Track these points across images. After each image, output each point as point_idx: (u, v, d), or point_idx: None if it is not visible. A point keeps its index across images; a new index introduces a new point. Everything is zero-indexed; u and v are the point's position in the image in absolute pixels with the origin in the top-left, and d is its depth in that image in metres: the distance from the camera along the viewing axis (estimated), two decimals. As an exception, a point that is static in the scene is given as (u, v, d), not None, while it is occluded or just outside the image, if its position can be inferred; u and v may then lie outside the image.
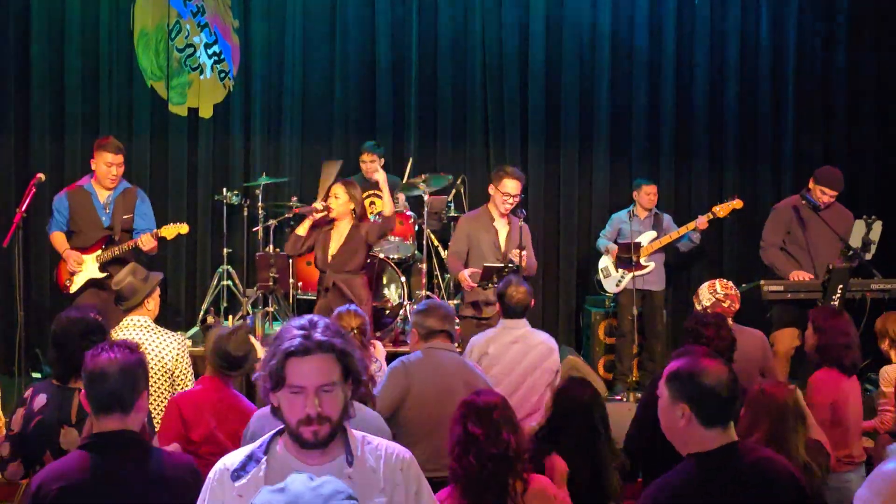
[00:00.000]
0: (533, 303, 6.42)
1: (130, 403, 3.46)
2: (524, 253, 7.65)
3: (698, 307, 6.52)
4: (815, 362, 5.95)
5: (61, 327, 4.63)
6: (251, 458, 2.82)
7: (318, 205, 7.62)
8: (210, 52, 9.95)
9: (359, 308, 5.70)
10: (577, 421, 4.70)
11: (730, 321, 6.23)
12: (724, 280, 6.73)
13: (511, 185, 7.84)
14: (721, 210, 8.98)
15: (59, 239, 7.79)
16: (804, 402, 4.68)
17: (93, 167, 7.80)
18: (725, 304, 6.47)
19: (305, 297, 8.96)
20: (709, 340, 5.38)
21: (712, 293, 6.53)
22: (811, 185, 8.27)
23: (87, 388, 3.50)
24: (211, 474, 2.86)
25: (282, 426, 2.84)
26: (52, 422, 4.46)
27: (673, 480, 3.29)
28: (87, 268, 7.67)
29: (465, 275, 7.69)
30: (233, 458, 2.86)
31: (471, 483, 3.91)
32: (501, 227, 7.97)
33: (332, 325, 2.82)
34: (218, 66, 9.98)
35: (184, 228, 7.72)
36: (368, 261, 7.91)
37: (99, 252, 7.68)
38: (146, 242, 7.57)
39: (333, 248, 7.57)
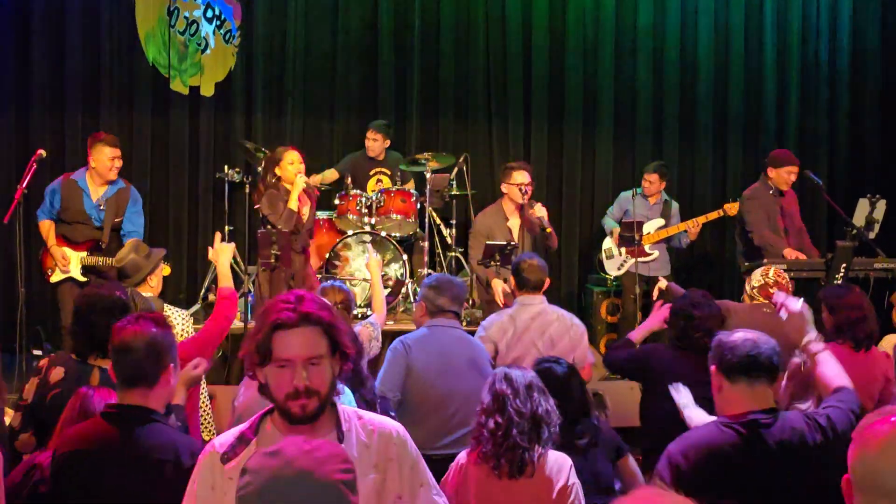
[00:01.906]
0: (548, 281, 6.33)
1: (155, 377, 3.49)
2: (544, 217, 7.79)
3: (747, 286, 6.51)
4: (830, 339, 5.90)
5: (86, 303, 4.59)
6: (241, 440, 2.78)
7: (301, 182, 7.58)
8: (209, 15, 9.87)
9: (343, 283, 5.68)
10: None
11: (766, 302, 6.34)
12: (779, 268, 6.72)
13: (521, 176, 7.94)
14: (732, 208, 8.87)
15: (46, 229, 7.75)
16: None
17: (91, 163, 7.72)
18: (772, 290, 6.46)
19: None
20: (700, 320, 5.42)
21: (764, 276, 6.48)
22: (770, 172, 8.29)
23: (113, 361, 3.54)
24: (201, 456, 2.83)
25: (271, 406, 2.81)
26: (69, 396, 4.44)
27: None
28: (72, 267, 7.66)
29: (499, 291, 7.63)
30: (223, 440, 2.82)
31: (495, 443, 3.89)
32: (515, 224, 8.06)
33: (319, 298, 2.80)
34: (221, 30, 9.91)
35: (166, 270, 7.50)
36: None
37: (85, 254, 7.66)
38: None
39: (305, 212, 7.67)
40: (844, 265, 7.73)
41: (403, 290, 8.89)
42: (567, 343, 6.05)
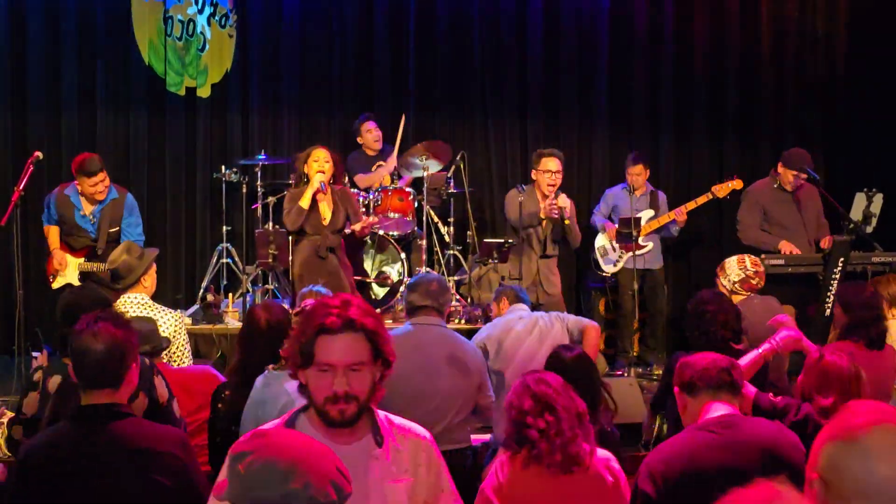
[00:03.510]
0: None
1: (119, 378, 3.44)
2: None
3: (724, 281, 6.45)
4: (842, 338, 5.88)
5: (71, 304, 4.59)
6: None
7: (317, 181, 7.55)
8: (201, 4, 9.85)
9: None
10: None
11: (750, 294, 6.37)
12: (754, 256, 6.68)
13: (551, 163, 8.14)
14: (720, 190, 8.90)
15: (51, 233, 7.86)
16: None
17: (77, 187, 7.76)
18: (754, 282, 6.44)
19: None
20: (713, 315, 5.37)
21: (742, 269, 6.44)
22: (780, 168, 8.29)
23: (73, 363, 3.48)
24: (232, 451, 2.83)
25: (304, 403, 2.84)
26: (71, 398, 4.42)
27: None
28: (69, 272, 7.70)
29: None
30: None
31: (549, 441, 3.87)
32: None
33: (364, 304, 2.82)
34: (215, 16, 9.87)
35: None
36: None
37: (82, 260, 7.72)
38: None
39: (326, 213, 7.60)
40: (842, 259, 7.75)
41: (402, 288, 8.89)
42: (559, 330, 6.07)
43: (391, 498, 2.76)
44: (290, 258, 7.82)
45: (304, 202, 7.49)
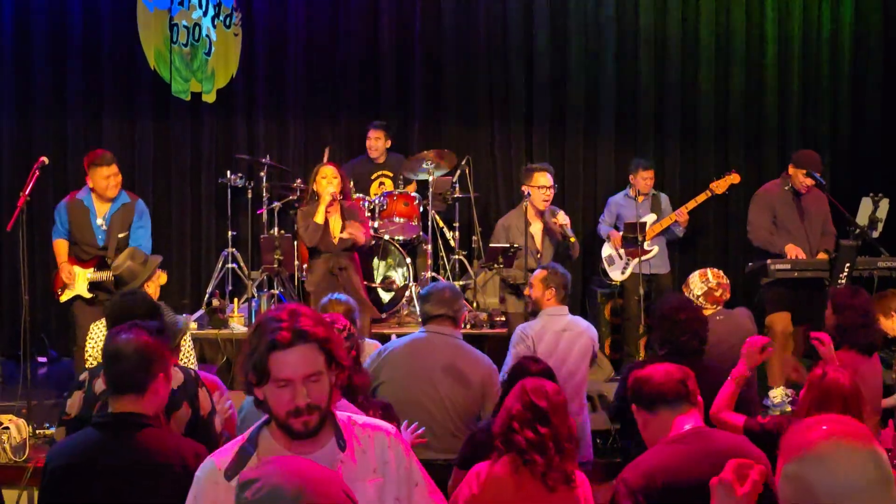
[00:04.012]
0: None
1: (144, 385, 3.44)
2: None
3: (689, 296, 6.37)
4: (835, 343, 5.88)
5: (120, 308, 4.57)
6: (242, 455, 2.76)
7: (328, 194, 7.57)
8: (205, 7, 9.86)
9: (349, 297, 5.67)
10: None
11: (717, 308, 6.39)
12: (715, 269, 6.66)
13: (543, 178, 8.05)
14: (719, 186, 8.90)
15: (59, 247, 7.85)
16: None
17: (89, 184, 7.77)
18: (717, 294, 6.43)
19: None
20: (686, 323, 5.38)
21: (704, 282, 6.45)
22: (791, 170, 8.26)
23: (104, 368, 3.51)
24: (200, 473, 2.79)
25: (265, 418, 2.80)
26: None
27: None
28: (78, 284, 7.70)
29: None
30: (223, 457, 2.79)
31: (543, 453, 3.87)
32: (537, 230, 8.18)
33: (311, 312, 2.78)
34: (219, 17, 9.88)
35: (162, 278, 7.34)
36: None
37: (91, 270, 7.71)
38: None
39: (336, 229, 7.61)
40: (848, 265, 7.72)
41: (407, 293, 8.89)
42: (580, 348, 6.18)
43: (362, 500, 2.69)
44: (305, 275, 7.86)
45: (319, 217, 7.54)
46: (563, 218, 8.02)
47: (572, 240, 8.01)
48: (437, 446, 5.08)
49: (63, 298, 7.75)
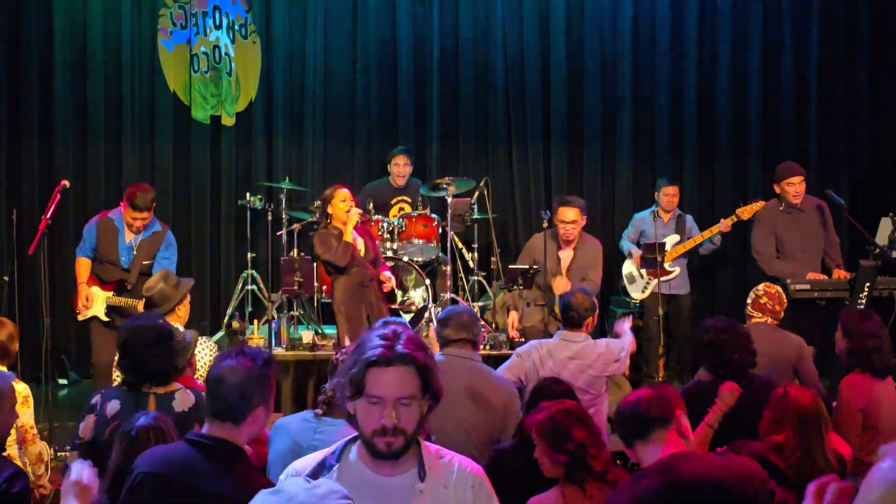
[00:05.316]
0: (592, 319, 6.38)
1: (242, 415, 3.38)
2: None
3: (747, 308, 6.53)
4: (846, 366, 5.85)
5: (130, 335, 4.59)
6: (323, 465, 2.81)
7: (355, 214, 7.68)
8: (219, 22, 9.92)
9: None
10: None
11: (764, 318, 6.38)
12: (769, 283, 6.74)
13: (567, 213, 8.21)
14: (745, 212, 8.88)
15: (81, 267, 7.82)
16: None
17: (122, 211, 7.76)
18: (763, 301, 6.46)
19: (330, 300, 8.94)
20: (731, 340, 5.38)
21: (754, 291, 6.55)
22: (776, 188, 8.31)
23: (206, 389, 3.48)
24: (282, 476, 2.86)
25: (355, 434, 2.85)
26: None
27: None
28: (96, 305, 7.71)
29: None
30: (304, 464, 2.85)
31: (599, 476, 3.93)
32: (566, 256, 8.31)
33: (415, 337, 2.81)
34: (234, 28, 9.97)
35: None
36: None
37: (111, 294, 7.71)
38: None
39: (361, 246, 7.76)
40: (868, 285, 7.70)
41: (426, 314, 8.89)
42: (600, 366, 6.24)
43: None
44: (325, 296, 7.91)
45: (348, 236, 7.61)
46: (560, 286, 8.12)
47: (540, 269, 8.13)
48: None
49: (81, 318, 7.79)
